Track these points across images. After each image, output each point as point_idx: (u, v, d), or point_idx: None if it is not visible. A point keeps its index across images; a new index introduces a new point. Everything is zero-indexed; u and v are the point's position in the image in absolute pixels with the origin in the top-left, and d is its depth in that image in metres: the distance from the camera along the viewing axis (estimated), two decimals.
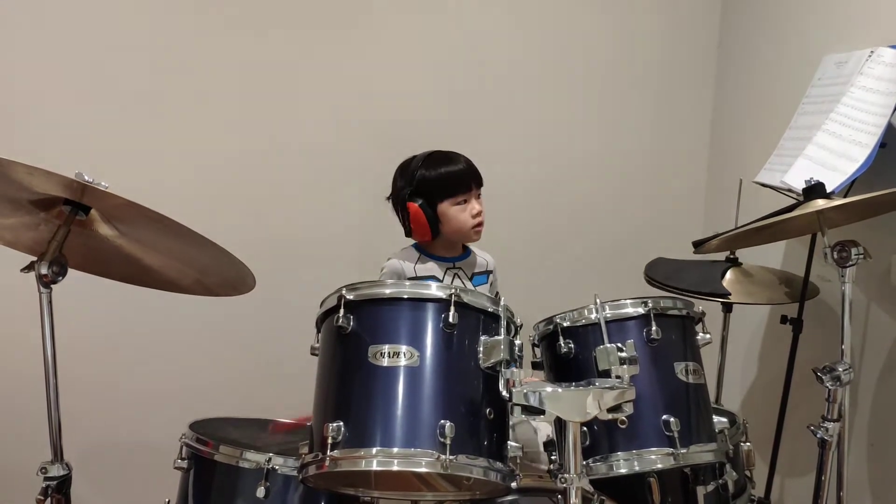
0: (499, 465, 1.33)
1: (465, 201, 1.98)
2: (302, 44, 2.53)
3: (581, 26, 2.77)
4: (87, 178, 1.34)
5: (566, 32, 2.76)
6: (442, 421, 1.28)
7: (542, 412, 1.25)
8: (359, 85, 2.58)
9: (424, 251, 2.05)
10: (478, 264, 2.12)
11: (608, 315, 1.48)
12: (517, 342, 1.41)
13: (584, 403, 1.26)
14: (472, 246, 2.13)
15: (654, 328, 1.47)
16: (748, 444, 1.81)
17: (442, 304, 1.37)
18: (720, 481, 1.69)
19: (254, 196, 2.53)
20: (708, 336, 1.58)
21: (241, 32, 2.47)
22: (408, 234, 2.03)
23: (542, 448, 1.86)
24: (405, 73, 2.63)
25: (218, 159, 2.49)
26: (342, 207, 2.60)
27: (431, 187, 1.97)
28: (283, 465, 1.53)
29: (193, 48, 2.45)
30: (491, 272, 2.15)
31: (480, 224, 2.01)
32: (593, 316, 1.48)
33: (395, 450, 1.26)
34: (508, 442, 1.37)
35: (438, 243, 2.04)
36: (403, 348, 1.33)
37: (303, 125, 2.55)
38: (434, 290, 1.39)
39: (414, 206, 1.96)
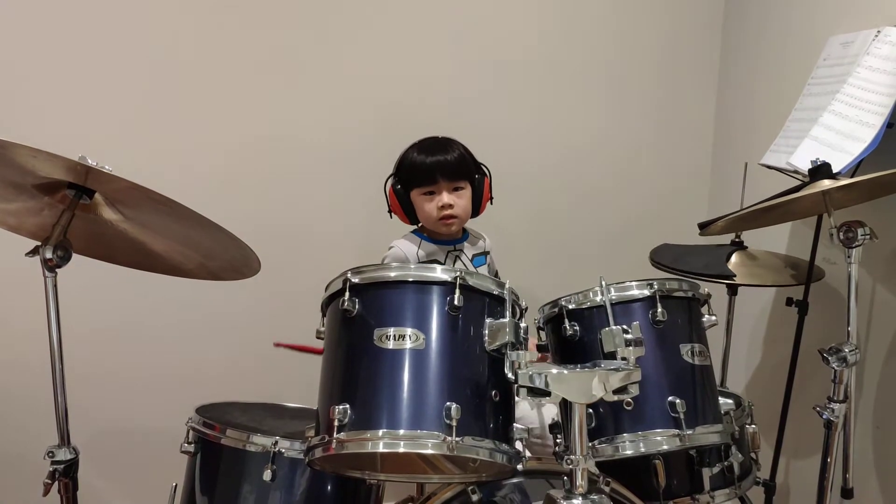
0: (505, 446, 1.33)
1: (433, 192, 1.97)
2: (308, 29, 2.52)
3: (585, 9, 2.75)
4: (90, 161, 1.33)
5: (571, 16, 2.74)
6: (448, 403, 1.27)
7: (548, 394, 1.26)
8: (362, 71, 2.56)
9: (424, 235, 2.05)
10: (476, 245, 2.13)
11: (614, 297, 1.48)
12: (522, 325, 1.41)
13: (589, 385, 1.26)
14: (469, 227, 2.13)
15: (659, 310, 1.47)
16: (753, 426, 1.82)
17: (447, 287, 1.36)
18: (725, 463, 1.70)
19: (258, 181, 2.53)
20: (714, 318, 1.57)
21: (246, 17, 2.46)
22: (390, 214, 2.05)
23: (544, 424, 1.87)
24: (409, 59, 2.61)
25: (222, 144, 2.49)
26: (347, 192, 2.59)
27: (405, 173, 1.99)
28: (289, 448, 1.53)
29: (197, 32, 2.44)
30: (488, 252, 2.15)
31: (448, 217, 1.97)
32: (599, 298, 1.48)
33: (402, 432, 1.26)
34: (514, 424, 1.37)
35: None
36: (409, 331, 1.33)
37: (308, 111, 2.54)
38: (439, 272, 1.38)
39: (391, 189, 2.00)
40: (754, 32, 2.68)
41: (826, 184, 1.63)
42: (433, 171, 1.94)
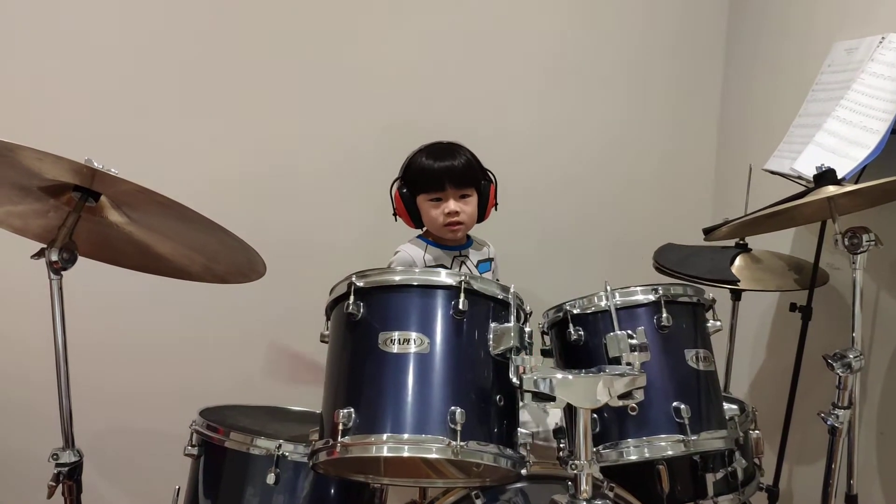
0: (509, 451, 1.34)
1: (440, 199, 1.97)
2: (317, 33, 2.52)
3: (589, 17, 2.76)
4: (96, 163, 1.34)
5: (575, 23, 2.75)
6: (452, 407, 1.28)
7: (553, 399, 1.26)
8: (370, 75, 2.57)
9: (430, 240, 2.06)
10: (481, 252, 2.13)
11: (618, 302, 1.48)
12: (527, 329, 1.41)
13: (594, 390, 1.26)
14: (473, 234, 2.14)
15: (664, 315, 1.47)
16: (757, 431, 1.81)
17: (452, 291, 1.37)
18: (729, 469, 1.70)
19: (264, 184, 2.53)
20: (718, 323, 1.57)
21: (254, 21, 2.47)
22: (395, 217, 2.05)
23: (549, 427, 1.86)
24: (416, 64, 2.61)
25: (227, 147, 2.49)
26: (353, 195, 2.59)
27: (412, 178, 1.99)
28: (293, 451, 1.53)
29: (205, 36, 2.44)
30: (492, 259, 2.16)
31: (454, 224, 1.97)
32: (603, 303, 1.48)
33: (406, 436, 1.27)
34: (519, 429, 1.37)
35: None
36: (413, 335, 1.33)
37: (313, 115, 2.54)
38: (444, 277, 1.39)
39: (397, 193, 2.00)
40: (758, 38, 2.68)
41: (830, 189, 1.63)
42: (441, 177, 1.94)
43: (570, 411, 1.36)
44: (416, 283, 1.38)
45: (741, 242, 2.23)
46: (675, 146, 2.88)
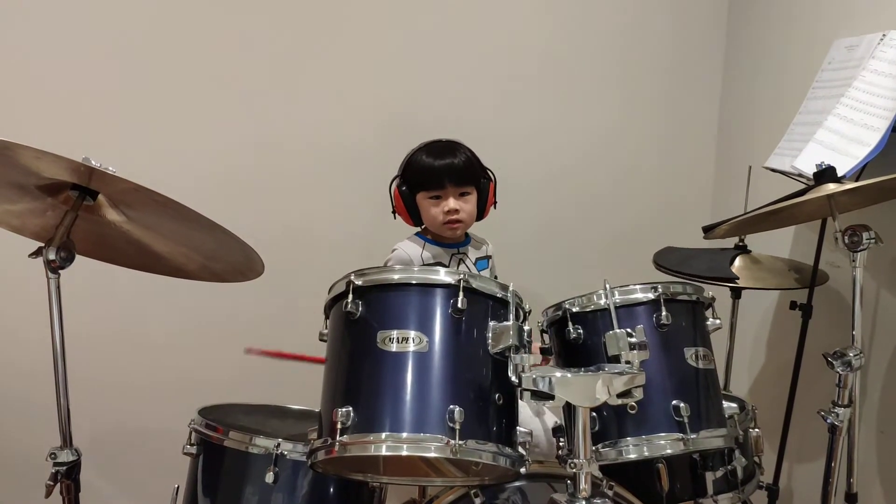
0: (508, 450, 1.33)
1: (440, 197, 1.96)
2: (314, 31, 2.52)
3: (590, 15, 2.75)
4: (94, 162, 1.33)
5: (575, 22, 2.74)
6: (451, 406, 1.28)
7: (552, 397, 1.26)
8: (367, 73, 2.56)
9: (428, 238, 2.05)
10: (480, 249, 2.13)
11: (618, 300, 1.47)
12: (526, 328, 1.41)
13: (593, 389, 1.26)
14: (471, 232, 2.13)
15: (664, 313, 1.46)
16: (757, 430, 1.81)
17: (451, 290, 1.36)
18: (729, 467, 1.70)
19: (262, 182, 2.53)
20: (718, 321, 1.57)
21: (253, 20, 2.46)
22: (394, 215, 2.04)
23: (543, 435, 1.86)
24: (414, 61, 2.61)
25: (225, 145, 2.48)
26: (351, 194, 2.59)
27: (412, 176, 1.98)
28: (292, 450, 1.53)
29: (202, 34, 2.43)
30: (490, 257, 2.15)
31: (453, 222, 1.96)
32: (603, 301, 1.47)
33: (405, 435, 1.26)
34: (517, 427, 1.37)
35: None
36: (412, 334, 1.33)
37: (312, 113, 2.54)
38: (443, 275, 1.38)
39: (397, 191, 1.99)
40: (758, 36, 2.68)
41: (831, 187, 1.63)
42: (441, 175, 1.93)
43: (569, 410, 1.36)
44: (414, 282, 1.38)
45: (740, 244, 2.23)
46: (675, 146, 2.88)
